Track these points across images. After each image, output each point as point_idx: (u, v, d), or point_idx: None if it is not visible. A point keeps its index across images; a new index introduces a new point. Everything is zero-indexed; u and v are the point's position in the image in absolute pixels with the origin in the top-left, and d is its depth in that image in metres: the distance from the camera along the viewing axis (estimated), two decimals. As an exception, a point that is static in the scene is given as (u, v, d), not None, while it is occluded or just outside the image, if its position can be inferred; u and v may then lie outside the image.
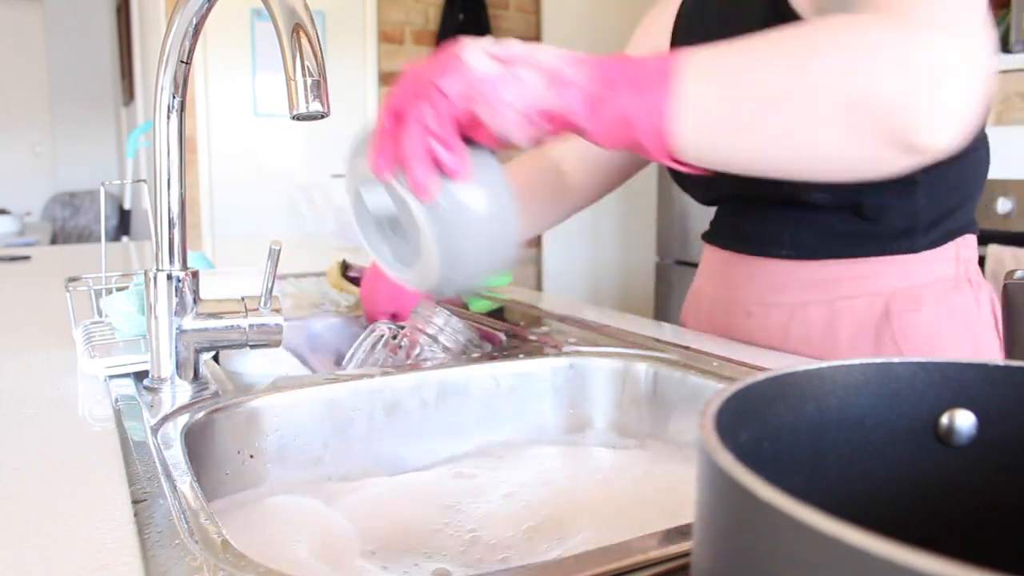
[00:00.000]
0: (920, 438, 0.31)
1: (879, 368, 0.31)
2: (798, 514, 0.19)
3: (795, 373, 0.30)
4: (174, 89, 0.70)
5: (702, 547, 0.25)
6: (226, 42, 3.57)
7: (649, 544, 0.44)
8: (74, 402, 0.72)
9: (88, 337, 0.82)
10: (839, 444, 0.31)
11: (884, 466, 0.31)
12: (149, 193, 0.74)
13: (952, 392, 0.31)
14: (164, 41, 0.69)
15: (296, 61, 0.58)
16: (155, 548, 0.43)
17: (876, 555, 0.17)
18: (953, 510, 0.31)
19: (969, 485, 0.31)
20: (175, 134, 0.71)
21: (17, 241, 4.19)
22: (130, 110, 4.99)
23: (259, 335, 0.74)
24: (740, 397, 0.28)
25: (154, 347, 0.72)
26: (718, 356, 0.84)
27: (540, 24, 4.12)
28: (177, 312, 0.72)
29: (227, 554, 0.43)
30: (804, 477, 0.30)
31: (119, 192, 5.10)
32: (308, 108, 0.58)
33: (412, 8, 3.98)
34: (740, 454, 0.23)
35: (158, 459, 0.56)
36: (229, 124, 3.65)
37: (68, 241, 5.46)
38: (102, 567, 0.42)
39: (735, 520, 0.22)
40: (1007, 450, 0.30)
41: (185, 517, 0.47)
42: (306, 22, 0.59)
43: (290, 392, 0.73)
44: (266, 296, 0.74)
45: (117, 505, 0.49)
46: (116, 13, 5.48)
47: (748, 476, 0.21)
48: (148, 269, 0.72)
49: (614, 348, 0.87)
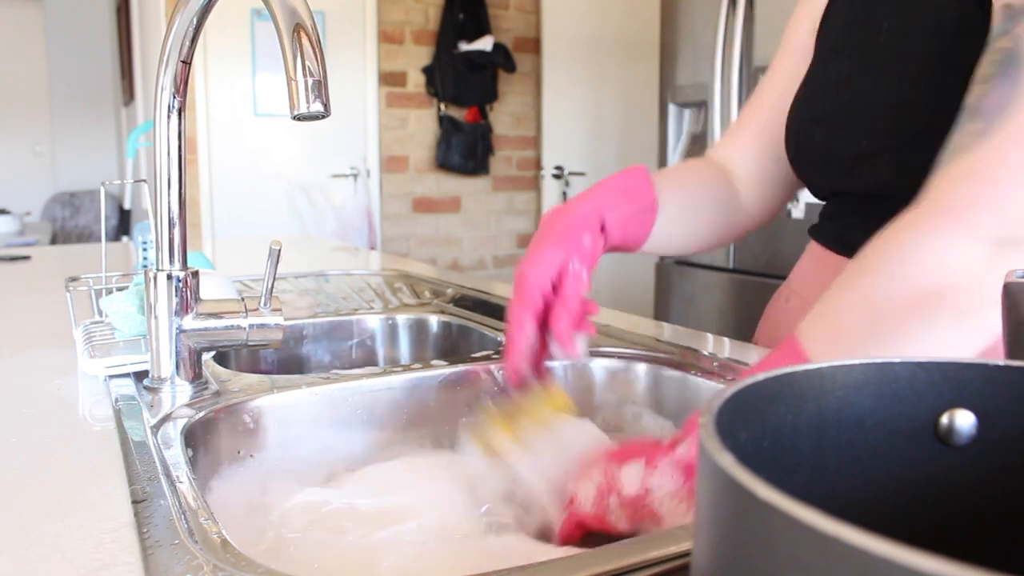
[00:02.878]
0: (920, 438, 0.31)
1: (879, 368, 0.31)
2: (798, 514, 0.19)
3: (795, 373, 0.30)
4: (174, 89, 0.70)
5: (702, 547, 0.25)
6: (226, 42, 3.57)
7: (649, 544, 0.44)
8: (74, 402, 0.72)
9: (88, 337, 0.82)
10: (839, 444, 0.31)
11: (884, 466, 0.31)
12: (149, 193, 0.74)
13: (952, 392, 0.31)
14: (164, 41, 0.69)
15: (297, 61, 0.58)
16: (155, 548, 0.43)
17: (876, 555, 0.17)
18: (953, 510, 0.31)
19: (969, 485, 0.31)
20: (175, 134, 0.71)
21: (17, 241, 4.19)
22: (130, 110, 4.99)
23: (259, 335, 0.74)
24: (740, 397, 0.28)
25: (154, 347, 0.72)
26: (718, 356, 0.84)
27: (540, 24, 4.12)
28: (177, 312, 0.72)
29: (227, 554, 0.43)
30: (804, 477, 0.30)
31: (119, 192, 5.10)
32: (309, 108, 0.58)
33: (412, 8, 3.98)
34: (740, 454, 0.23)
35: (158, 459, 0.56)
36: (229, 124, 3.65)
37: (68, 241, 5.46)
38: (102, 567, 0.42)
39: (735, 520, 0.22)
40: (1007, 450, 0.30)
41: (185, 517, 0.47)
42: (306, 22, 0.59)
43: (290, 392, 0.73)
44: (266, 296, 0.74)
45: (117, 505, 0.49)
46: (116, 13, 5.48)
47: (748, 476, 0.21)
48: (148, 269, 0.72)
49: (614, 348, 0.87)
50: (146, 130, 2.95)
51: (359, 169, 3.95)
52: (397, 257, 1.83)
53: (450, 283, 1.33)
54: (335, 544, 0.58)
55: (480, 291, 1.25)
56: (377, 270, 1.54)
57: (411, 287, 1.31)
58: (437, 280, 1.37)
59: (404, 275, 1.44)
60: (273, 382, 0.75)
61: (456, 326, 1.07)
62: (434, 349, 1.09)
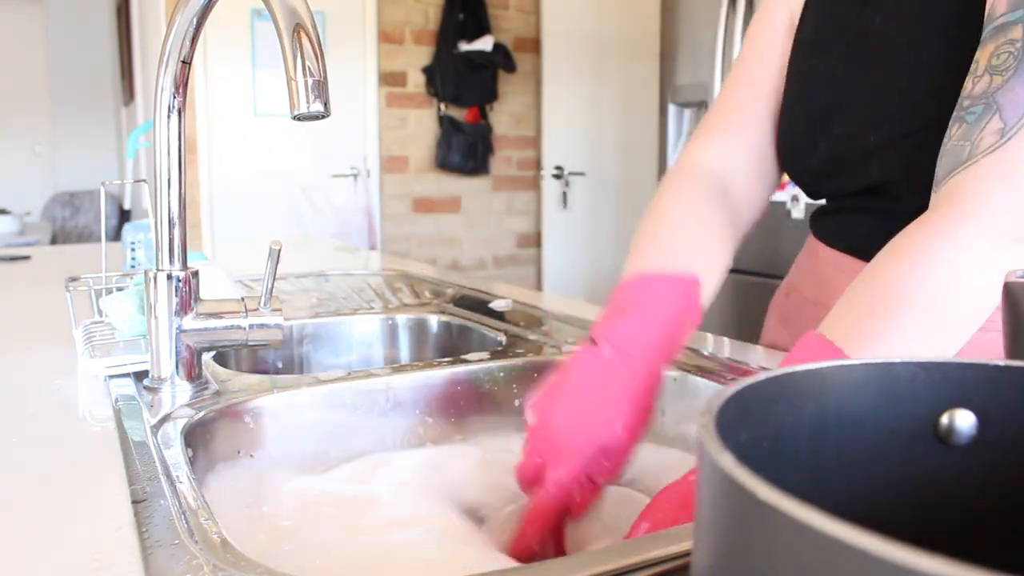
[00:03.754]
0: (920, 438, 0.31)
1: (879, 368, 0.31)
2: (798, 514, 0.19)
3: (795, 373, 0.30)
4: (174, 89, 0.70)
5: (702, 547, 0.25)
6: (226, 42, 3.57)
7: (649, 544, 0.44)
8: (74, 402, 0.72)
9: (88, 337, 0.82)
10: (839, 444, 0.31)
11: (884, 466, 0.31)
12: (149, 193, 0.74)
13: (952, 392, 0.31)
14: (164, 41, 0.69)
15: (297, 61, 0.58)
16: (155, 548, 0.43)
17: (876, 555, 0.17)
18: (953, 510, 0.31)
19: (969, 485, 0.31)
20: (175, 134, 0.71)
21: (17, 241, 4.19)
22: (130, 110, 4.99)
23: (259, 335, 0.74)
24: (740, 397, 0.28)
25: (154, 347, 0.72)
26: (718, 356, 0.84)
27: (540, 24, 4.12)
28: (177, 312, 0.72)
29: (227, 554, 0.43)
30: (804, 477, 0.30)
31: (119, 192, 5.10)
32: (309, 108, 0.58)
33: (412, 8, 3.98)
34: (740, 454, 0.23)
35: (158, 459, 0.56)
36: (229, 124, 3.65)
37: (68, 241, 5.45)
38: (102, 567, 0.42)
39: (735, 520, 0.22)
40: (1007, 450, 0.30)
41: (185, 517, 0.47)
42: (307, 22, 0.59)
43: (290, 392, 0.73)
44: (266, 296, 0.74)
45: (117, 505, 0.49)
46: (116, 13, 5.48)
47: (748, 476, 0.21)
48: (148, 269, 0.72)
49: (614, 348, 0.87)
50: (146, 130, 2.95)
51: (359, 169, 3.95)
52: (397, 257, 1.83)
53: (450, 283, 1.33)
54: (335, 544, 0.58)
55: (480, 291, 1.25)
56: (377, 270, 1.54)
57: (411, 287, 1.31)
58: (437, 280, 1.37)
59: (404, 275, 1.45)
60: (273, 382, 0.75)
61: (456, 326, 1.07)
62: (434, 349, 1.09)
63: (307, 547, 0.57)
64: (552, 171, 4.10)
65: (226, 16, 3.56)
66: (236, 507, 0.64)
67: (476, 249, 4.30)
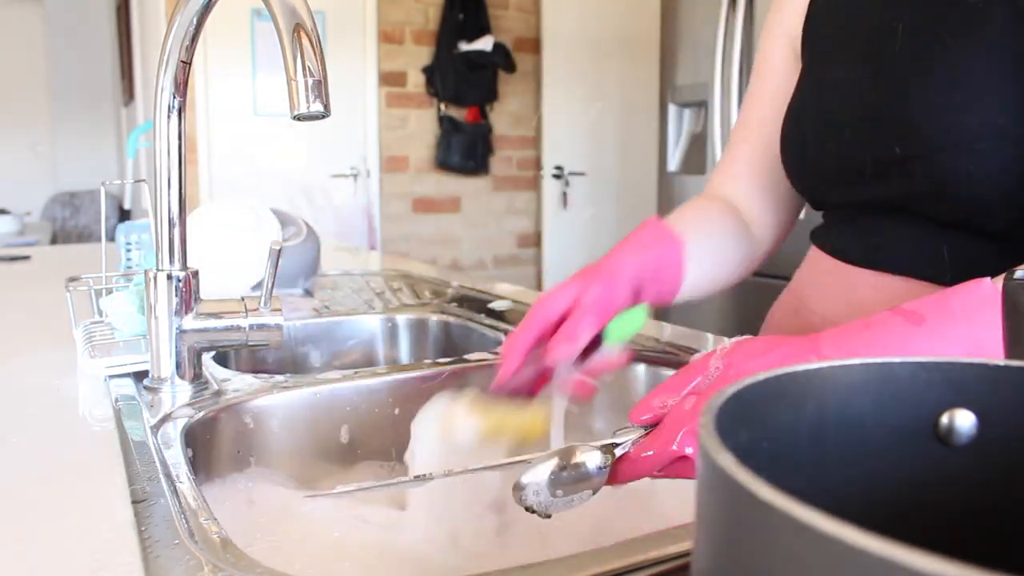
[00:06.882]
0: (920, 438, 0.31)
1: (879, 368, 0.31)
2: (798, 514, 0.19)
3: (795, 373, 0.30)
4: (174, 89, 0.70)
5: (702, 547, 0.25)
6: (226, 42, 3.57)
7: (649, 544, 0.44)
8: (74, 402, 0.72)
9: (88, 337, 0.82)
10: (839, 444, 0.31)
11: (884, 466, 0.31)
12: (149, 193, 0.74)
13: (952, 392, 0.31)
14: (164, 41, 0.69)
15: (297, 61, 0.58)
16: (155, 548, 0.43)
17: (876, 555, 0.17)
18: (953, 510, 0.31)
19: (969, 485, 0.31)
20: (175, 134, 0.71)
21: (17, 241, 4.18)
22: (130, 110, 4.99)
23: (259, 335, 0.74)
24: (740, 397, 0.28)
25: (154, 347, 0.72)
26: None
27: (540, 24, 4.12)
28: (177, 312, 0.72)
29: (227, 554, 0.43)
30: (804, 477, 0.30)
31: (119, 192, 5.10)
32: (309, 108, 0.58)
33: (412, 8, 3.98)
34: (740, 454, 0.23)
35: (158, 459, 0.56)
36: (229, 124, 3.65)
37: (68, 241, 5.46)
38: (102, 567, 0.42)
39: (735, 520, 0.22)
40: (1007, 450, 0.30)
41: (185, 517, 0.47)
42: (307, 22, 0.59)
43: (290, 392, 0.73)
44: (266, 296, 0.74)
45: (117, 505, 0.49)
46: (116, 13, 5.48)
47: (748, 476, 0.21)
48: (148, 269, 0.72)
49: (614, 348, 0.87)
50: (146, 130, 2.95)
51: (359, 169, 3.95)
52: (397, 257, 1.83)
53: (450, 283, 1.33)
54: (335, 543, 0.58)
55: (480, 291, 1.25)
56: (377, 270, 1.54)
57: (411, 287, 1.31)
58: (437, 280, 1.37)
59: (404, 275, 1.44)
60: (273, 382, 0.75)
61: (456, 326, 1.07)
62: (434, 349, 1.09)
63: (307, 547, 0.57)
64: (552, 171, 4.10)
65: (226, 16, 3.56)
66: (236, 507, 0.64)
67: (476, 249, 4.30)
